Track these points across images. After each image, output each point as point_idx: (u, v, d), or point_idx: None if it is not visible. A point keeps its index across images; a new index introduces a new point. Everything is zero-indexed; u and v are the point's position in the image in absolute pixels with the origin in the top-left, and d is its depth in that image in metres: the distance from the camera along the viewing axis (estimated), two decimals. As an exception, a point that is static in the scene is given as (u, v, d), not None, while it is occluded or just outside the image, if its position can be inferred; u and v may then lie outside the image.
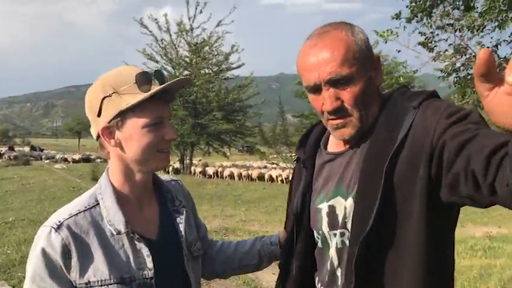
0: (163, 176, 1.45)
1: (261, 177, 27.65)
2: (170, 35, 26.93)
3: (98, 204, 1.19)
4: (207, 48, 27.55)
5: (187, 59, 27.58)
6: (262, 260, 1.55)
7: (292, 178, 1.49)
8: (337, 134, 1.21)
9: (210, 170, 28.94)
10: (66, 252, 1.11)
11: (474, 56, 6.37)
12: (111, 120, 1.15)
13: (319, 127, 1.40)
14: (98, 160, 33.18)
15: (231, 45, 27.90)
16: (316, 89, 1.16)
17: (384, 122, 1.14)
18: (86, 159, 37.18)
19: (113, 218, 1.17)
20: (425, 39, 6.91)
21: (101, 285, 1.13)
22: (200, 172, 28.90)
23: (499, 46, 6.66)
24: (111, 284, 1.13)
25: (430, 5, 6.31)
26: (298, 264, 1.33)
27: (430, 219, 1.07)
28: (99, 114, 1.17)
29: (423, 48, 6.79)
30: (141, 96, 1.13)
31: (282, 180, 27.12)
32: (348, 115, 1.15)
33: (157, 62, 26.90)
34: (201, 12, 26.18)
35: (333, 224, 1.22)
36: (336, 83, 1.12)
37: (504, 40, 6.54)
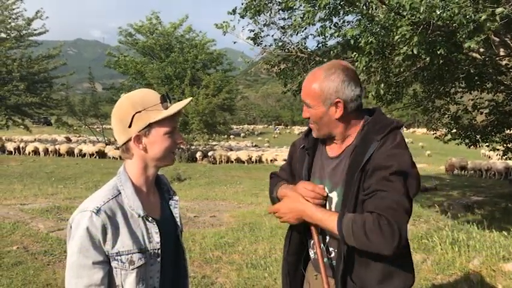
0: None
1: (70, 153, 25.85)
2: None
3: (120, 193, 1.52)
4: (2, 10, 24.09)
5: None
6: None
7: (291, 156, 2.06)
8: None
9: (10, 146, 25.45)
10: (103, 230, 1.42)
11: (293, 51, 7.69)
12: (141, 130, 1.50)
13: None
14: None
15: (36, 10, 25.14)
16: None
17: (359, 147, 1.70)
18: None
19: (133, 204, 1.51)
20: (254, 35, 8.03)
21: (127, 254, 1.46)
22: (-3, 148, 25.30)
23: (306, 39, 8.07)
24: (134, 253, 1.48)
25: (260, 3, 7.32)
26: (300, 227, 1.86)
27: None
28: (130, 126, 1.50)
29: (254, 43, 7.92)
30: (164, 112, 1.51)
31: (93, 155, 25.92)
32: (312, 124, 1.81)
33: None
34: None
35: None
36: (306, 104, 1.75)
37: (311, 34, 7.83)
